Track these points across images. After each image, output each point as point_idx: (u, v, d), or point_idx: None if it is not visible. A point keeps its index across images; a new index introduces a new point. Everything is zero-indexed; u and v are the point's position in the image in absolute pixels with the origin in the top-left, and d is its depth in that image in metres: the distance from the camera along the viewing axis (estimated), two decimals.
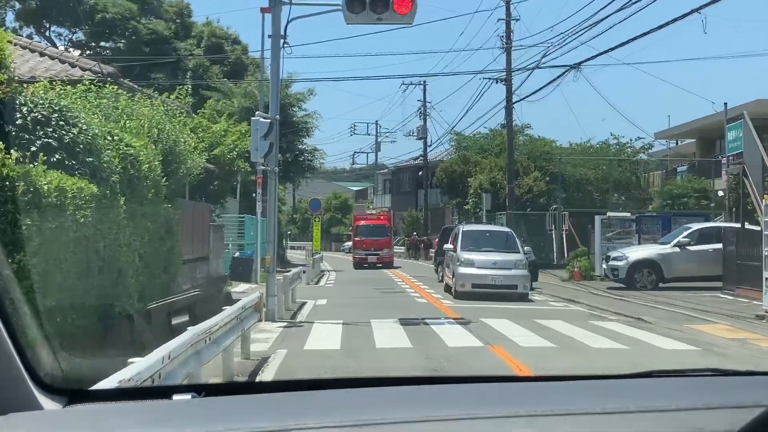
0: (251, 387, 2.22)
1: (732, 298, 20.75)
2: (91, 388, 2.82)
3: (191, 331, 7.42)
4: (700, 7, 18.32)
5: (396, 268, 40.66)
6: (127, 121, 13.10)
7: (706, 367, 2.56)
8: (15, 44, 14.36)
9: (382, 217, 49.07)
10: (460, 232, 23.81)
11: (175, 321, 8.36)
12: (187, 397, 1.96)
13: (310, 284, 28.76)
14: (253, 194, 25.25)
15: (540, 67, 31.79)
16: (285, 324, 15.70)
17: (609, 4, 23.52)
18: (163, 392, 2.07)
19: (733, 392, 1.42)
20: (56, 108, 9.18)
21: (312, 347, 12.61)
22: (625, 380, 2.14)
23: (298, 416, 1.48)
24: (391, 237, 45.45)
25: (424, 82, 56.93)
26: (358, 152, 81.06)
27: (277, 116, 16.74)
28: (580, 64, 29.52)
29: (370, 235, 43.01)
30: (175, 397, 1.98)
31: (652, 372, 2.20)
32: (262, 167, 16.91)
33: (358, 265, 41.85)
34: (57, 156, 8.88)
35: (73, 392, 1.96)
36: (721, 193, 32.95)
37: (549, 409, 1.14)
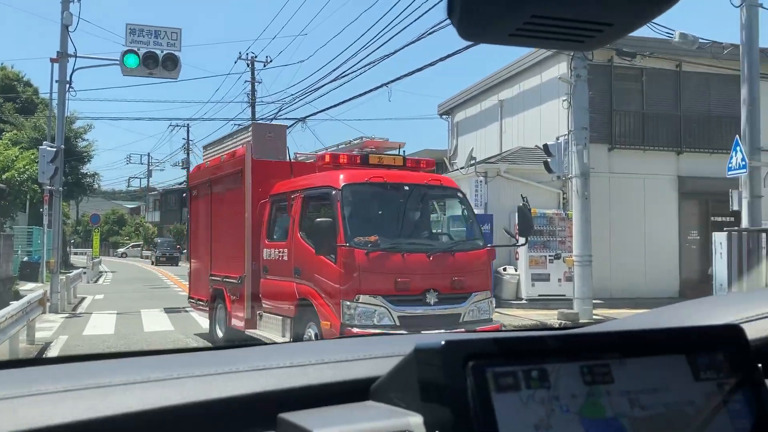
0: (30, 362, 2.02)
1: None
2: None
3: None
4: (388, 83, 19.49)
5: None
6: None
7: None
8: None
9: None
10: None
11: None
12: None
13: (90, 283, 26.64)
14: (41, 210, 23.08)
15: (276, 119, 31.88)
16: (67, 315, 14.42)
17: (325, 76, 24.28)
18: None
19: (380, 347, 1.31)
20: None
21: (90, 333, 11.69)
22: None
23: (70, 380, 1.36)
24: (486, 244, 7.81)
25: (188, 124, 54.86)
26: (132, 177, 76.89)
27: (62, 146, 15.50)
28: (305, 118, 30.09)
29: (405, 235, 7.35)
30: None
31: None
32: (49, 187, 15.53)
33: None
34: None
35: None
36: None
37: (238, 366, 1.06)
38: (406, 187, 7.48)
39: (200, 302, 10.56)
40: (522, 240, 8.12)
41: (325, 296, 6.93)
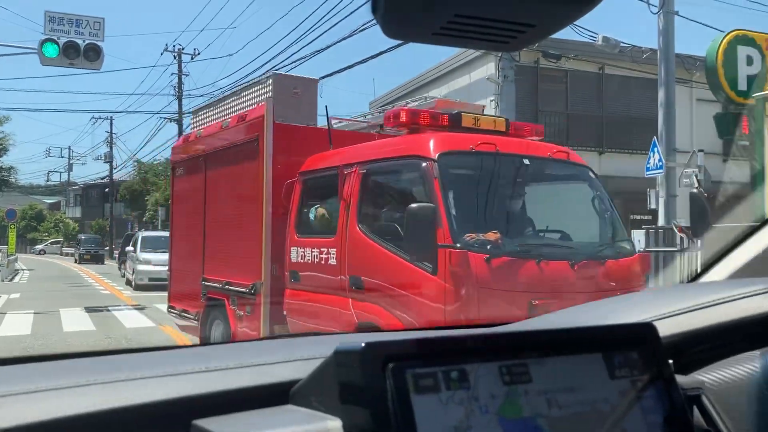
0: None
1: None
2: None
3: None
4: (319, 79, 19.41)
5: None
6: None
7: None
8: None
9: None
10: (140, 237, 22.58)
11: None
12: None
13: (4, 281, 25.46)
14: None
15: None
16: None
17: (255, 70, 23.92)
18: None
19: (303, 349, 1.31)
20: None
21: (4, 334, 11.14)
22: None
23: None
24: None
25: (111, 117, 53.05)
26: (52, 171, 73.72)
27: None
28: None
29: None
30: None
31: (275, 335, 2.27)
32: None
33: None
34: None
35: None
36: None
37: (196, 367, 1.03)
38: (526, 161, 5.02)
39: (186, 314, 7.80)
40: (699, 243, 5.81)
41: (415, 324, 4.41)
